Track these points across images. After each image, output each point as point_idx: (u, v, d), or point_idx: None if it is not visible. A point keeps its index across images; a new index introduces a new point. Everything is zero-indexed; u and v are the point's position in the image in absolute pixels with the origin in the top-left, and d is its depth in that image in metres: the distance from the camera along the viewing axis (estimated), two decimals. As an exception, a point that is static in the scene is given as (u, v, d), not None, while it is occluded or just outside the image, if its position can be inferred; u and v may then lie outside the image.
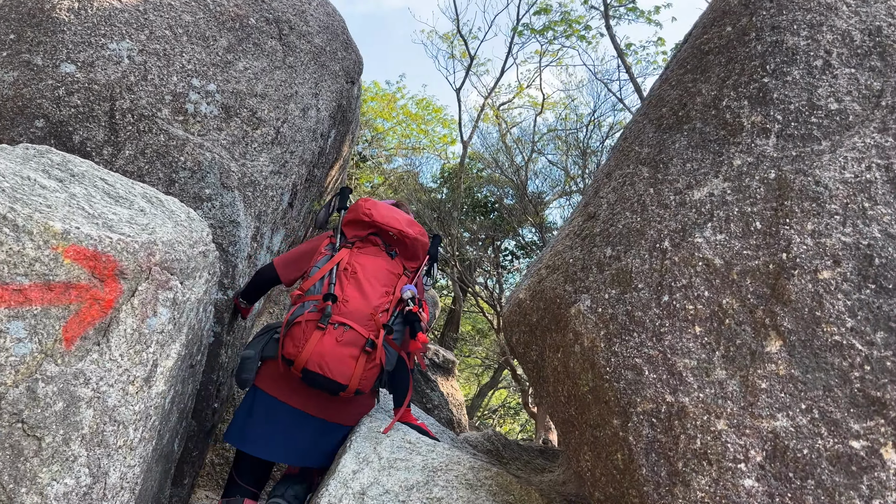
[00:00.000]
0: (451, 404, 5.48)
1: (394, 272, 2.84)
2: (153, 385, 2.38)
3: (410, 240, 2.92)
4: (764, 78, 2.04)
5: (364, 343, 2.55)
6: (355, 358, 2.53)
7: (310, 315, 2.60)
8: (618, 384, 1.92)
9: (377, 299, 2.68)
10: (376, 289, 2.71)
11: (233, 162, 3.73)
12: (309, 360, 2.52)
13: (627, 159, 2.29)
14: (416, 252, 2.96)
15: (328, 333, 2.54)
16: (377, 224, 2.90)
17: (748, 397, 1.79)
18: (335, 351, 2.52)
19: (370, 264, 2.80)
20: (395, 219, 2.93)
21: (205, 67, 3.78)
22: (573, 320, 2.09)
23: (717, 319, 1.87)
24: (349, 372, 2.53)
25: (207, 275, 2.85)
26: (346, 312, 2.60)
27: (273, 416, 2.76)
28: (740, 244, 1.89)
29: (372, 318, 2.62)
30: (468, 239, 11.33)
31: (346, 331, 2.55)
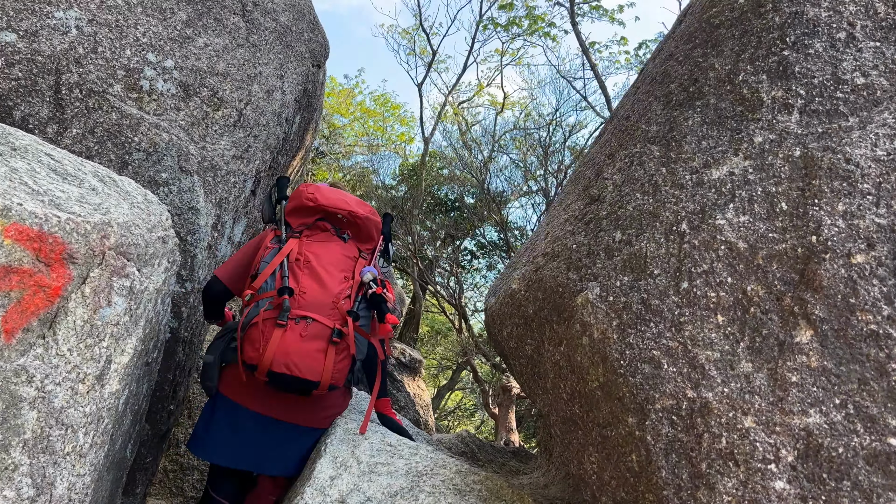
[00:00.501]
0: (418, 405, 5.27)
1: (350, 256, 2.64)
2: (106, 384, 2.12)
3: (362, 220, 2.71)
4: (784, 51, 1.91)
5: (330, 334, 2.34)
6: (323, 351, 2.32)
7: (266, 313, 2.36)
8: (633, 379, 1.76)
9: (337, 286, 2.48)
10: (334, 276, 2.51)
11: (192, 144, 3.45)
12: (273, 361, 2.28)
13: (633, 139, 2.13)
14: (369, 232, 2.75)
15: (290, 329, 2.31)
16: (323, 208, 2.68)
17: (777, 392, 1.64)
18: (300, 347, 2.29)
19: (323, 252, 2.59)
20: (343, 200, 2.71)
21: (161, 42, 3.49)
22: (580, 310, 1.92)
23: (741, 308, 1.73)
24: (319, 367, 2.31)
25: (167, 263, 2.58)
26: (306, 304, 2.39)
27: (238, 423, 2.51)
28: (765, 226, 1.74)
29: (335, 307, 2.41)
30: (427, 238, 11.14)
31: (309, 324, 2.33)
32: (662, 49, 2.75)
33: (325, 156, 13.17)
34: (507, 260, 10.91)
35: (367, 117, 14.50)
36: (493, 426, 15.60)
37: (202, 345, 3.97)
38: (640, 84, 2.68)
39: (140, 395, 2.70)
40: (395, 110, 14.75)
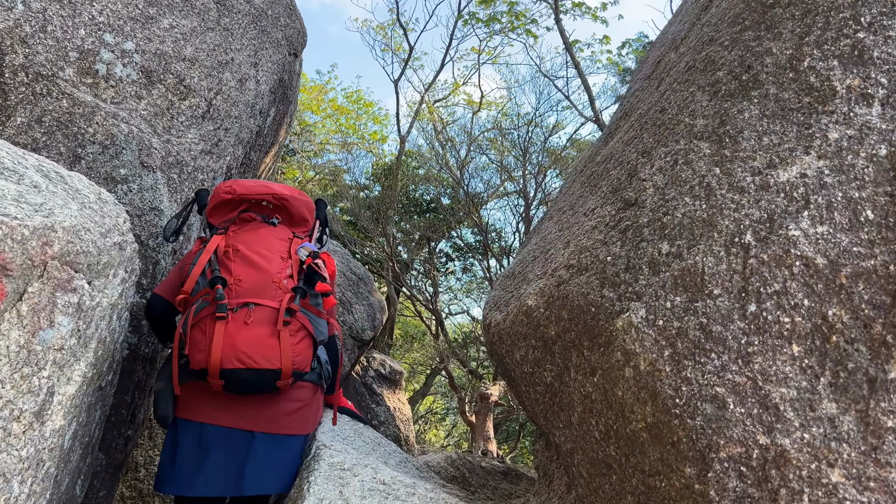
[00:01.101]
0: (399, 420, 4.95)
1: (283, 238, 2.41)
2: (47, 421, 1.76)
3: (289, 200, 2.50)
4: (858, 33, 1.63)
5: (277, 315, 2.09)
6: (275, 335, 2.07)
7: (203, 311, 2.11)
8: (692, 421, 1.46)
9: (274, 268, 2.24)
10: (270, 258, 2.27)
11: (155, 137, 3.07)
12: (223, 357, 2.02)
13: (674, 134, 1.84)
14: (301, 214, 2.54)
15: (232, 320, 2.07)
16: (244, 197, 2.48)
17: (870, 439, 1.36)
18: (248, 335, 2.04)
19: (254, 239, 2.35)
20: (264, 185, 2.51)
21: (121, 22, 3.10)
22: (621, 336, 1.62)
23: (820, 336, 1.44)
24: (274, 353, 2.05)
25: (124, 272, 2.22)
26: (244, 291, 2.15)
27: (205, 444, 2.20)
28: (848, 239, 1.47)
29: (277, 287, 2.18)
30: (402, 239, 10.81)
31: (252, 309, 2.10)
32: (687, 37, 2.47)
33: (295, 153, 12.75)
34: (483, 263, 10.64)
35: (340, 114, 14.10)
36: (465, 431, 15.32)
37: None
38: (664, 75, 2.39)
39: (92, 424, 2.33)
40: (369, 108, 14.37)
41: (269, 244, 2.33)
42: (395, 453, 3.13)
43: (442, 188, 10.88)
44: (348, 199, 10.89)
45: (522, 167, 9.80)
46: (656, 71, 2.67)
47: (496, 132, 11.14)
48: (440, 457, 3.71)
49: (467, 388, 10.08)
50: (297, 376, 2.16)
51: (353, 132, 14.15)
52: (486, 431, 8.70)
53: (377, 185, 11.57)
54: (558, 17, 7.67)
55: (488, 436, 8.66)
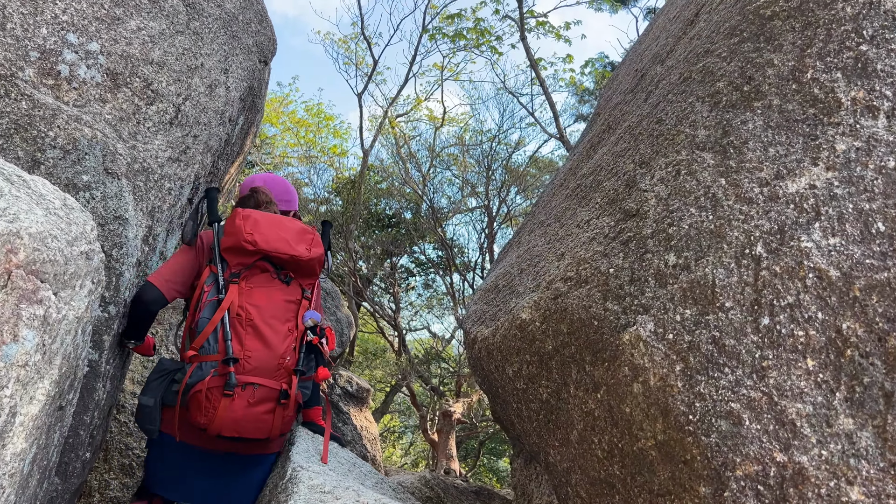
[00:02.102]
0: (366, 439, 4.81)
1: (292, 300, 2.56)
2: (8, 443, 1.62)
3: (306, 261, 2.57)
4: (861, 45, 1.63)
5: (277, 396, 2.36)
6: (271, 412, 2.35)
7: (212, 381, 2.32)
8: (707, 438, 1.41)
9: (282, 345, 2.43)
10: (278, 331, 2.45)
11: (120, 143, 2.92)
12: (223, 428, 2.30)
13: (674, 144, 1.81)
14: (313, 269, 2.63)
15: (238, 397, 2.31)
16: (264, 252, 2.54)
17: (889, 455, 1.33)
18: (248, 413, 2.31)
19: (265, 302, 2.49)
20: (285, 240, 2.56)
21: (86, 21, 2.96)
22: (628, 350, 1.56)
23: (835, 349, 1.41)
24: (267, 427, 2.36)
25: (91, 284, 2.07)
26: (252, 369, 2.36)
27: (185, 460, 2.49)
28: (860, 251, 1.44)
29: (280, 367, 2.40)
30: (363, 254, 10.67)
31: (256, 389, 2.33)
32: (674, 50, 2.47)
33: (254, 166, 12.52)
34: (446, 278, 10.57)
35: (300, 127, 13.92)
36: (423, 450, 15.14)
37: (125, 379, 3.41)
38: (653, 87, 2.38)
39: (50, 447, 2.16)
40: (329, 121, 14.23)
41: (279, 311, 2.47)
42: (371, 474, 3.01)
43: (404, 203, 10.80)
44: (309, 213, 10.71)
45: (486, 183, 9.80)
46: (641, 84, 2.66)
47: (459, 148, 11.14)
48: (414, 477, 3.60)
49: (429, 405, 9.96)
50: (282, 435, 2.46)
51: (313, 145, 13.97)
52: (449, 450, 8.58)
53: (338, 199, 11.42)
54: (524, 34, 7.71)
55: (451, 454, 8.55)
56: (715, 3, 2.27)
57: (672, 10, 3.27)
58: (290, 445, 2.63)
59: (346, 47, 11.30)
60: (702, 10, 2.43)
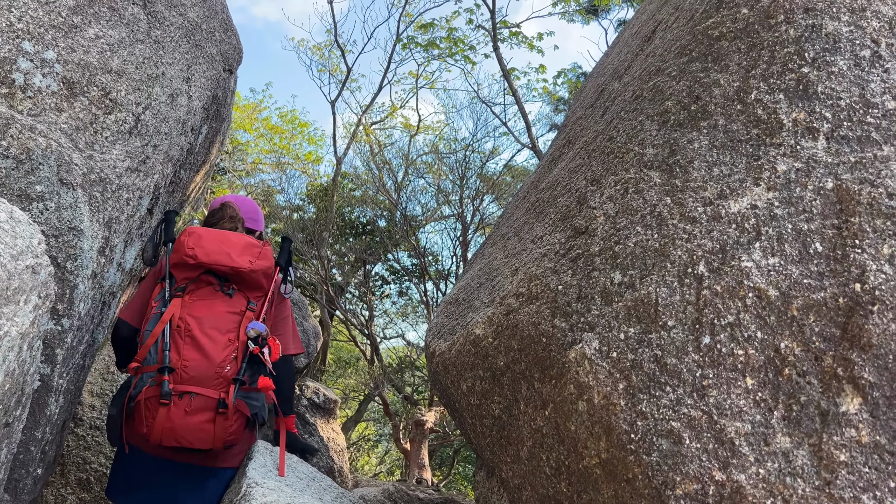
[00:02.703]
0: (332, 450, 4.77)
1: (235, 312, 2.58)
2: (-58, 466, 1.58)
3: (247, 274, 2.62)
4: (803, 68, 1.66)
5: (216, 405, 2.37)
6: (211, 421, 2.35)
7: (149, 391, 2.38)
8: (648, 457, 1.42)
9: (220, 354, 2.46)
10: (217, 341, 2.48)
11: (76, 152, 2.87)
12: (162, 437, 2.34)
13: (624, 162, 1.83)
14: (258, 283, 2.67)
15: (174, 406, 2.35)
16: (205, 265, 2.62)
17: (824, 473, 1.35)
18: (186, 422, 2.33)
19: (206, 314, 2.54)
20: (226, 253, 2.63)
21: (42, 29, 2.91)
22: (574, 368, 1.57)
23: (773, 368, 1.43)
24: (208, 437, 2.36)
25: (37, 299, 2.04)
26: (189, 378, 2.40)
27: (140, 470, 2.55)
28: (798, 271, 1.47)
29: (219, 376, 2.42)
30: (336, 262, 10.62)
31: (193, 398, 2.36)
32: (631, 67, 2.49)
33: (226, 172, 12.41)
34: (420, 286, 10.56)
35: (273, 134, 13.84)
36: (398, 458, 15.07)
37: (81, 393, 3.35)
38: (609, 103, 2.40)
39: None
40: (304, 128, 14.17)
41: (220, 322, 2.50)
42: (331, 488, 2.98)
43: (378, 210, 10.78)
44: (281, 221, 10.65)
45: (460, 191, 9.82)
46: (599, 100, 2.68)
47: (433, 156, 11.15)
48: (377, 490, 3.58)
49: (402, 414, 9.93)
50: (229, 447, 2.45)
51: (286, 152, 13.89)
52: (421, 459, 8.55)
53: (311, 206, 11.36)
54: (496, 44, 7.75)
55: (423, 463, 8.52)
56: (670, 22, 2.30)
57: (636, 25, 3.30)
58: (248, 460, 2.61)
59: (320, 54, 11.27)
60: (658, 28, 2.46)
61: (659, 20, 2.55)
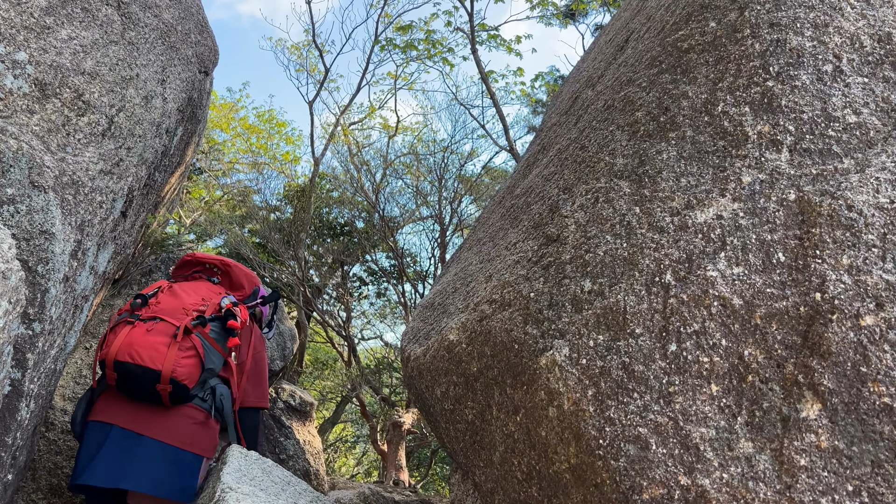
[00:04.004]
0: (309, 453, 4.76)
1: (215, 291, 2.91)
2: None
3: (230, 266, 3.07)
4: (768, 81, 1.70)
5: (174, 331, 2.54)
6: (166, 345, 2.50)
7: (121, 321, 2.63)
8: (616, 462, 1.45)
9: (191, 301, 2.74)
10: (191, 296, 2.77)
11: (48, 155, 2.85)
12: (119, 351, 2.49)
13: (595, 172, 1.86)
14: (239, 281, 3.07)
15: (137, 326, 2.55)
16: (199, 260, 3.10)
17: (785, 478, 1.39)
18: (144, 339, 2.50)
19: (188, 285, 2.89)
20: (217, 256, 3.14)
21: (13, 30, 2.88)
22: (545, 374, 1.59)
23: (737, 375, 1.47)
24: (160, 358, 2.47)
25: (7, 304, 2.02)
26: (157, 310, 2.64)
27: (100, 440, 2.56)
28: (762, 280, 1.51)
29: (185, 313, 2.64)
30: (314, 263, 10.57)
31: (157, 322, 2.57)
32: (604, 75, 2.53)
33: (202, 172, 12.30)
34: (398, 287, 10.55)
35: (251, 133, 13.74)
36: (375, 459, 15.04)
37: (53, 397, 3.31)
38: (582, 112, 2.44)
39: (-36, 473, 2.09)
40: (281, 128, 14.08)
41: (198, 289, 2.82)
42: (306, 493, 2.98)
43: (356, 211, 10.75)
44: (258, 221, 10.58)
45: (438, 193, 9.83)
46: (573, 107, 2.72)
47: (412, 157, 11.16)
48: (352, 493, 3.59)
49: (379, 415, 9.92)
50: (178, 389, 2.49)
51: (264, 152, 13.80)
52: (398, 461, 8.55)
53: (289, 206, 11.30)
54: (474, 47, 7.79)
55: (400, 465, 8.52)
56: (642, 32, 2.34)
57: (611, 32, 3.35)
58: (222, 465, 2.60)
59: (298, 54, 11.22)
60: (631, 37, 2.50)
61: (632, 29, 2.59)
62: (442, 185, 9.69)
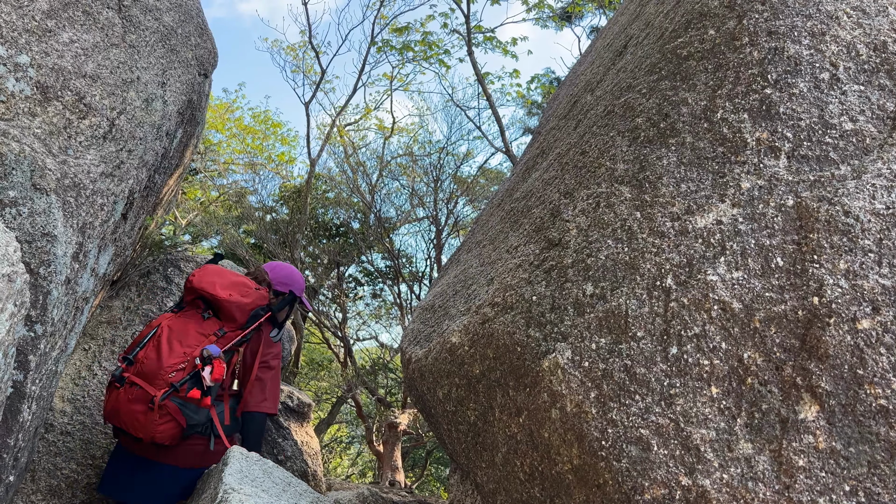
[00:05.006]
0: (306, 454, 4.77)
1: (203, 333, 2.96)
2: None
3: (223, 302, 3.02)
4: (766, 89, 1.74)
5: (150, 399, 2.71)
6: (144, 413, 2.70)
7: (114, 376, 2.85)
8: (618, 463, 1.48)
9: (170, 360, 2.82)
10: (174, 350, 2.86)
11: (50, 157, 2.86)
12: (108, 415, 2.84)
13: (596, 177, 1.89)
14: (231, 313, 3.04)
15: (123, 391, 2.76)
16: (192, 287, 3.09)
17: (783, 478, 1.42)
18: (125, 407, 2.73)
19: (178, 326, 2.96)
20: (212, 283, 3.07)
21: (15, 33, 2.89)
22: (547, 377, 1.62)
23: (737, 378, 1.50)
24: (140, 425, 2.70)
25: (13, 307, 2.04)
26: (139, 372, 2.80)
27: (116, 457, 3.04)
28: (761, 284, 1.54)
29: (161, 378, 2.77)
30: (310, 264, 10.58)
31: (136, 389, 2.74)
32: (603, 81, 2.56)
33: (198, 173, 12.29)
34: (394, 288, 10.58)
35: (246, 134, 13.73)
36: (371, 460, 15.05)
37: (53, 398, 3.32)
38: (582, 116, 2.47)
39: (-32, 474, 2.10)
40: (277, 128, 14.09)
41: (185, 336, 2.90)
42: (307, 493, 3.00)
43: (352, 212, 10.77)
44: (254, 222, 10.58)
45: (434, 194, 9.86)
46: (573, 111, 2.75)
47: (408, 158, 11.18)
48: (351, 494, 3.60)
49: (375, 416, 9.93)
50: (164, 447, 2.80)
51: (259, 153, 13.80)
52: (394, 461, 8.57)
53: (284, 207, 11.31)
54: (471, 49, 7.82)
55: (396, 466, 8.53)
56: (641, 38, 2.37)
57: (608, 36, 3.38)
58: (224, 466, 2.62)
59: (294, 55, 11.22)
60: (630, 43, 2.54)
61: (630, 35, 2.62)
62: (438, 186, 9.73)
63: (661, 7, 2.26)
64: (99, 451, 3.66)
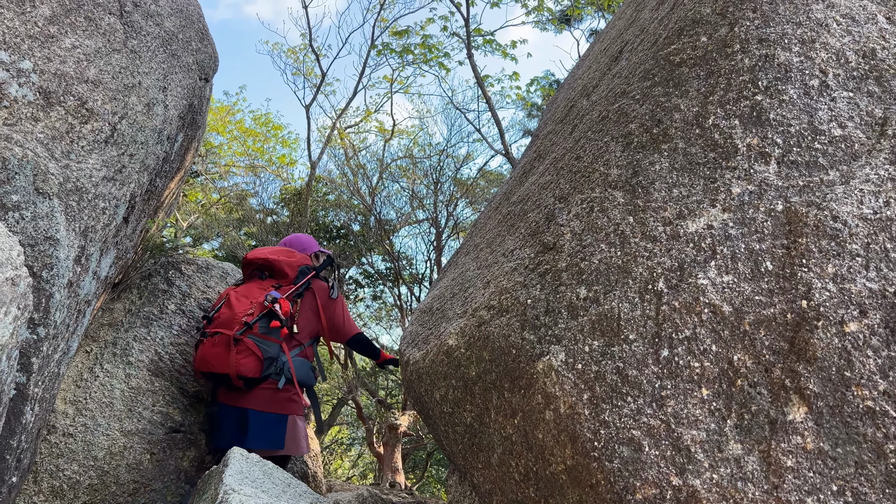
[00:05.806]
0: (307, 456, 4.80)
1: (262, 289, 3.52)
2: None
3: (272, 261, 3.63)
4: (757, 95, 1.77)
5: (228, 340, 3.23)
6: (225, 352, 3.21)
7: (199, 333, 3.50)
8: (610, 464, 1.50)
9: (241, 309, 3.37)
10: (243, 303, 3.41)
11: (52, 162, 2.89)
12: (199, 364, 3.33)
13: (590, 182, 1.92)
14: (282, 270, 3.61)
15: (206, 342, 3.31)
16: (248, 261, 3.71)
17: (772, 478, 1.45)
18: (211, 351, 3.26)
19: (242, 290, 3.55)
20: (262, 251, 3.72)
21: (18, 39, 2.93)
22: (541, 379, 1.65)
23: (727, 380, 1.53)
24: (223, 362, 3.20)
25: (16, 310, 2.07)
26: (218, 324, 3.35)
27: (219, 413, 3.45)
28: (751, 288, 1.57)
29: (237, 322, 3.29)
30: (310, 266, 10.57)
31: (217, 336, 3.28)
32: (598, 86, 2.59)
33: (199, 175, 12.33)
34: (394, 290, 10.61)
35: (247, 137, 13.77)
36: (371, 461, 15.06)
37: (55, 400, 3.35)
38: (577, 121, 2.50)
39: (-28, 475, 2.13)
40: (277, 131, 14.12)
41: (250, 293, 3.48)
42: (307, 494, 3.03)
43: (352, 214, 10.80)
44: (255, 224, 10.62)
45: (434, 196, 9.89)
46: (569, 116, 2.78)
47: (408, 160, 11.21)
48: (351, 495, 3.63)
49: (376, 418, 9.96)
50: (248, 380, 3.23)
51: (260, 155, 13.84)
52: (395, 463, 8.59)
53: (285, 209, 11.34)
54: (470, 52, 7.85)
55: (396, 467, 8.56)
56: (636, 44, 2.40)
57: (605, 40, 3.41)
58: (224, 467, 2.65)
59: (294, 58, 11.27)
60: (625, 48, 2.57)
61: (626, 40, 2.66)
62: (438, 188, 9.76)
63: (656, 13, 2.29)
64: (101, 453, 3.69)
